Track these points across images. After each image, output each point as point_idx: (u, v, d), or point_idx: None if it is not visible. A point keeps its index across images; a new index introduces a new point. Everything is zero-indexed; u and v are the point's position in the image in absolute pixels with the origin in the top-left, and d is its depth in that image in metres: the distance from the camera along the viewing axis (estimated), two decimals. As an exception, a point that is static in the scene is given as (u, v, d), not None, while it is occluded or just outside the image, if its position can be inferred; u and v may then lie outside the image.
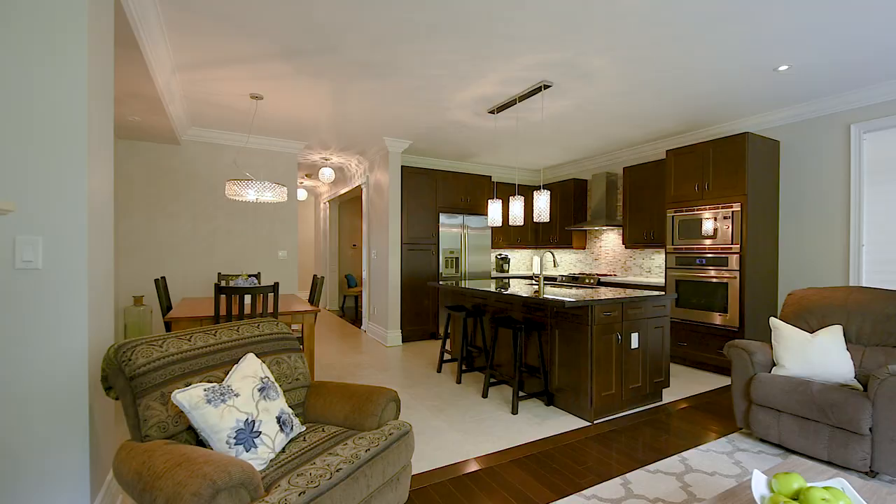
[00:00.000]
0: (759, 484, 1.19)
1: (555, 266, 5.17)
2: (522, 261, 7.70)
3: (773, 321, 2.90)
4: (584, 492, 2.17)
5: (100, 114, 1.90)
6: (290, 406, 1.99)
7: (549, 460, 2.53)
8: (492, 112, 4.27)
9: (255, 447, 1.60)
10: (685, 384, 3.98)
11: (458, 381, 3.97)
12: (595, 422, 3.12)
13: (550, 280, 6.72)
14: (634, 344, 3.32)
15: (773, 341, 2.86)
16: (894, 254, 3.70)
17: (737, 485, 1.40)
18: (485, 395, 3.59)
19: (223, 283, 4.43)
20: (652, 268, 5.74)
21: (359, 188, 6.85)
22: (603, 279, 5.83)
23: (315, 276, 3.99)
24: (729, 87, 3.73)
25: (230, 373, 1.77)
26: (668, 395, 3.67)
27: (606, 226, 5.89)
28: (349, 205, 9.23)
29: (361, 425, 1.89)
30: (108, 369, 1.63)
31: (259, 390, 1.75)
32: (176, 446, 1.44)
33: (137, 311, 4.46)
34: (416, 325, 5.76)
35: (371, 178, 6.13)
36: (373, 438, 1.73)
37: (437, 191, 5.91)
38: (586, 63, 3.26)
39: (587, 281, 6.03)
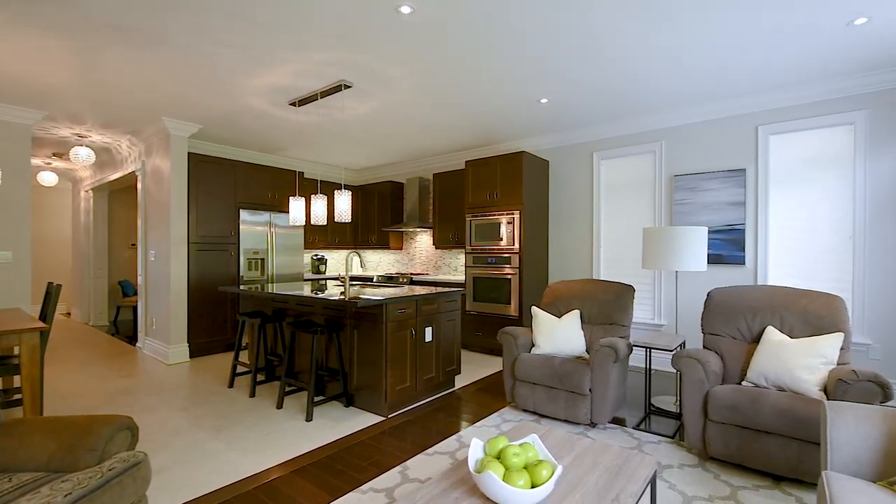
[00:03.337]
0: (476, 450, 1.37)
1: (362, 267, 5.20)
2: (341, 261, 7.56)
3: (534, 309, 3.46)
4: (361, 487, 2.19)
5: None
6: (-47, 458, 1.47)
7: (335, 462, 2.48)
8: (293, 104, 4.04)
9: None
10: (476, 369, 4.46)
11: (252, 395, 3.62)
12: (390, 416, 3.21)
13: (366, 280, 6.76)
14: (428, 338, 3.55)
15: (532, 326, 3.41)
16: (618, 254, 4.86)
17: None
18: (280, 406, 3.35)
19: None
20: (458, 266, 6.29)
21: (133, 175, 5.67)
22: (416, 278, 6.14)
23: (50, 283, 3.10)
24: (509, 111, 4.33)
25: None
26: (460, 381, 4.04)
27: (420, 227, 6.23)
28: (123, 195, 7.53)
29: (74, 465, 1.51)
30: None
31: None
32: None
33: None
34: (209, 336, 5.06)
35: (148, 164, 5.12)
36: (82, 479, 1.39)
37: (238, 184, 5.32)
38: (383, 70, 3.34)
39: (401, 280, 6.26)
